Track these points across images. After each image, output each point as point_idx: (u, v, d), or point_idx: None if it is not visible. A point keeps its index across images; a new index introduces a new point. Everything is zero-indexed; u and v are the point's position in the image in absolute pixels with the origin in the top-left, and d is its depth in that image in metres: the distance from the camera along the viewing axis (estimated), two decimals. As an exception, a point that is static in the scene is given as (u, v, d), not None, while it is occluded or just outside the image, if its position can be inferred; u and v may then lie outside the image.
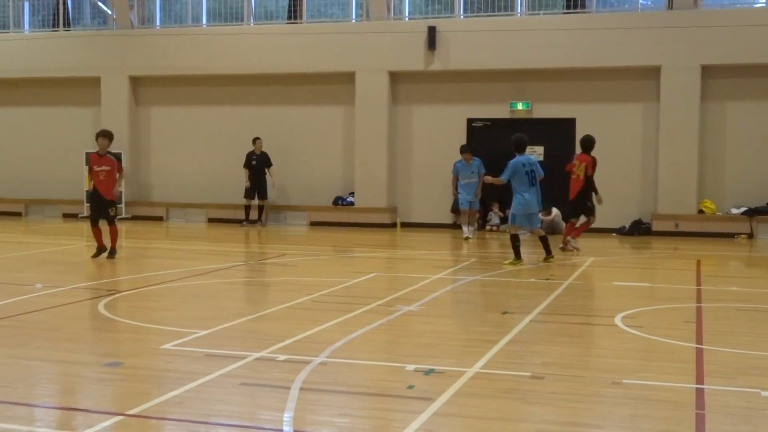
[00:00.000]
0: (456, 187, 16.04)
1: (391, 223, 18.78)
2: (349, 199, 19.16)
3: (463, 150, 15.90)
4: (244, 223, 18.82)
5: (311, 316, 7.88)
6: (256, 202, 18.95)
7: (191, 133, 20.29)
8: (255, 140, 18.94)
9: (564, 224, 17.56)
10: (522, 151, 12.21)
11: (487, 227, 17.98)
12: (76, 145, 20.51)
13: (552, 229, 17.49)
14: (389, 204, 18.94)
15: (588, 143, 13.96)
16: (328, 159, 19.41)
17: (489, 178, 12.87)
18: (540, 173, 12.29)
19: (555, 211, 17.57)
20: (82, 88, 20.77)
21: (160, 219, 20.13)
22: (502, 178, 12.12)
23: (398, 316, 7.95)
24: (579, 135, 17.87)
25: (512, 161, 12.11)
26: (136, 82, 20.54)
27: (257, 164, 18.84)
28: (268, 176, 18.88)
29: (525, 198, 12.05)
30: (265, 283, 10.83)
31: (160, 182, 20.57)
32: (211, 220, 19.79)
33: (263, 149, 18.91)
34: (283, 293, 9.47)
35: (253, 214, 18.99)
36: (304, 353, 6.26)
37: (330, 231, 18.00)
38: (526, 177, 12.05)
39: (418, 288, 9.75)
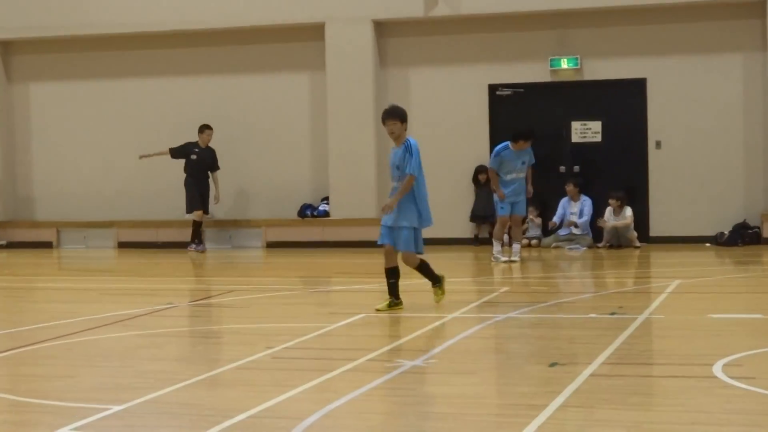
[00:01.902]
0: (498, 186, 15.79)
1: (385, 240, 18.75)
2: (321, 208, 19.17)
3: (521, 136, 15.53)
4: (194, 247, 18.70)
5: (273, 378, 7.87)
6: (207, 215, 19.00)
7: (91, 119, 20.25)
8: (203, 129, 18.89)
9: (636, 233, 17.57)
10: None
11: (524, 241, 17.96)
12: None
13: (618, 240, 17.45)
14: (379, 213, 18.90)
15: None
16: (289, 151, 19.40)
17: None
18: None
19: (629, 211, 17.42)
20: (-71, 60, 20.80)
21: (48, 245, 20.10)
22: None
23: (399, 374, 7.94)
24: (651, 101, 18.00)
25: (414, 143, 11.32)
26: (7, 48, 20.54)
27: (198, 161, 18.81)
28: (211, 181, 18.87)
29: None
30: (205, 333, 10.80)
31: (47, 193, 20.53)
32: (122, 245, 19.77)
33: (211, 144, 18.96)
34: (231, 347, 9.45)
35: (186, 234, 18.91)
36: (264, 434, 6.24)
37: (295, 254, 18.00)
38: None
39: (426, 333, 9.73)
